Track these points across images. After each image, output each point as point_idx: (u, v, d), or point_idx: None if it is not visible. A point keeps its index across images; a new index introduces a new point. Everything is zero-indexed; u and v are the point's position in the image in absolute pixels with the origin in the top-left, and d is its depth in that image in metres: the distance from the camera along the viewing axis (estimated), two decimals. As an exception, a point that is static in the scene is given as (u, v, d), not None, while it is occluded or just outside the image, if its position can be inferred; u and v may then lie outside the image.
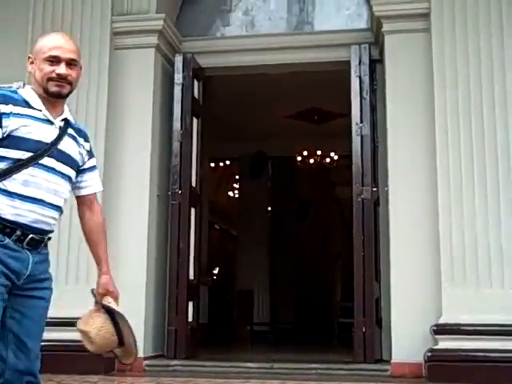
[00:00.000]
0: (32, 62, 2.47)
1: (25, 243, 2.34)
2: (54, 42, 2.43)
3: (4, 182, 2.31)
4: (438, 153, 6.49)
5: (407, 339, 6.36)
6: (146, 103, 7.35)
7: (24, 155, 2.34)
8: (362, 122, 7.07)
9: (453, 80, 6.55)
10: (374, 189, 7.01)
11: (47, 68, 2.40)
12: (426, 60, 6.72)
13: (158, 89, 7.54)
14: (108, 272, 2.58)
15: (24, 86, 2.62)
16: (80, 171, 2.57)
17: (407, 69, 6.90)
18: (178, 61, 7.59)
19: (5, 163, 2.33)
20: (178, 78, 7.54)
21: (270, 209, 15.34)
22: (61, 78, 2.40)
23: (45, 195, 2.37)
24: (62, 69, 2.40)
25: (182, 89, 7.52)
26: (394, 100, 6.91)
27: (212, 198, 14.11)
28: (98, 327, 2.37)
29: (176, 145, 7.45)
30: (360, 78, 7.15)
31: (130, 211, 7.11)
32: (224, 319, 13.24)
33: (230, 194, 17.65)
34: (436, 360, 6.08)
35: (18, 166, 2.33)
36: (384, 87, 7.07)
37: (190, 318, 7.32)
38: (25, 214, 2.32)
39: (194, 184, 7.56)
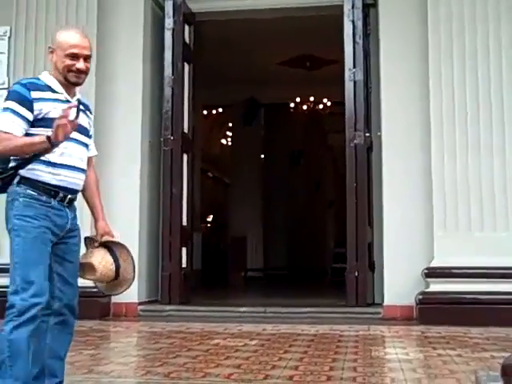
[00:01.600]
0: (52, 52, 2.97)
1: (65, 202, 2.91)
2: (74, 40, 2.97)
3: (46, 155, 2.83)
4: (432, 97, 6.46)
5: (399, 283, 6.46)
6: (136, 48, 7.25)
7: None
8: (354, 67, 7.00)
9: (447, 24, 6.47)
10: (367, 134, 6.99)
11: (68, 62, 2.93)
12: (421, 3, 6.62)
13: (148, 34, 7.43)
14: (104, 218, 3.11)
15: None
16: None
17: (401, 13, 6.82)
18: (168, 5, 7.44)
19: None
20: (169, 22, 7.41)
21: (262, 156, 15.33)
22: (79, 72, 2.96)
23: (76, 162, 2.93)
24: (80, 64, 2.95)
25: (173, 34, 7.40)
26: (387, 44, 6.84)
27: (205, 145, 14.06)
28: (98, 259, 2.90)
29: (168, 90, 7.37)
30: (353, 22, 7.04)
31: (122, 158, 7.08)
32: (218, 265, 13.35)
33: (223, 141, 17.57)
34: (427, 302, 6.18)
35: None
36: (377, 32, 6.99)
37: (184, 264, 7.37)
38: (65, 179, 2.89)
39: (186, 130, 7.52)
